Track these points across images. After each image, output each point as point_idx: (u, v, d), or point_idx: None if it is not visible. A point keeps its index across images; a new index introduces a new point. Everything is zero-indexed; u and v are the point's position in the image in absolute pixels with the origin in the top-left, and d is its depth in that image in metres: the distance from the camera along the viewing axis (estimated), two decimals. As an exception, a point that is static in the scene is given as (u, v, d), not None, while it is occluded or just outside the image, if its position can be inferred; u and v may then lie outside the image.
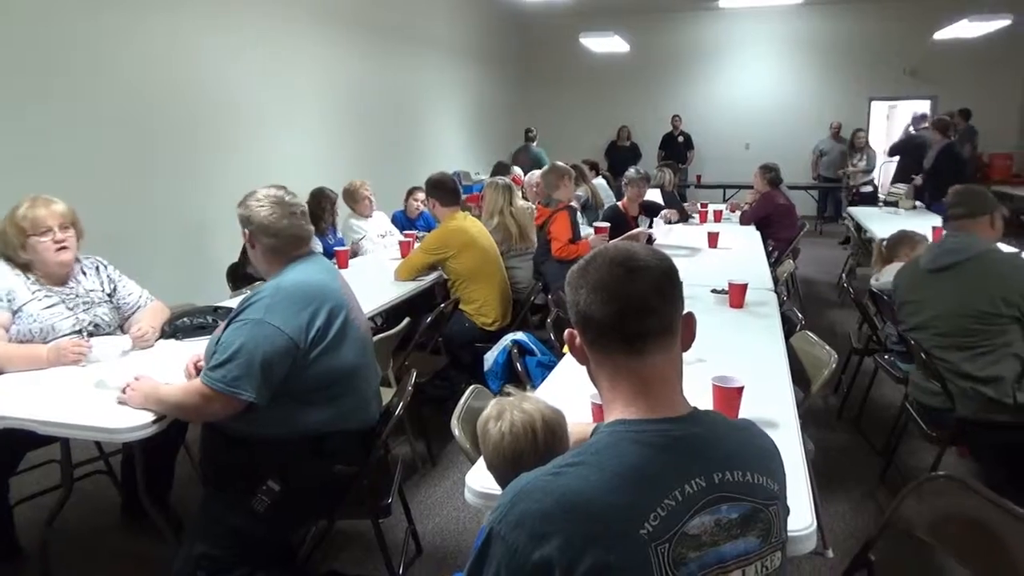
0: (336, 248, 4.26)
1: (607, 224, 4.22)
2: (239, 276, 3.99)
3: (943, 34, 8.61)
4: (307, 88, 6.29)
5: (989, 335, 2.47)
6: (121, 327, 2.63)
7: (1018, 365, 2.44)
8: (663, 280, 1.05)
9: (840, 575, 1.70)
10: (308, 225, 2.09)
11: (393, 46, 7.83)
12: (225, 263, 4.19)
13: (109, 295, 2.61)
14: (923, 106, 11.53)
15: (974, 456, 3.19)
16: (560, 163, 4.66)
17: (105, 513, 2.88)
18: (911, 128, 9.11)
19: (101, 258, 2.68)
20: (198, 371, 2.08)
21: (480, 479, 1.56)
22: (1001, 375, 2.45)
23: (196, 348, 2.24)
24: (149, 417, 1.89)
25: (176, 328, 2.62)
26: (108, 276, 2.64)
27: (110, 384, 2.06)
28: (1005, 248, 3.08)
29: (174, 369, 2.17)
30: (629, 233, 4.76)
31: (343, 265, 4.07)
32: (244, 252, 3.33)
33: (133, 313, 2.65)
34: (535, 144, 9.48)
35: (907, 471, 3.13)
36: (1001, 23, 7.70)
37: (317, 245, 4.33)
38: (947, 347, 2.57)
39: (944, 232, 2.83)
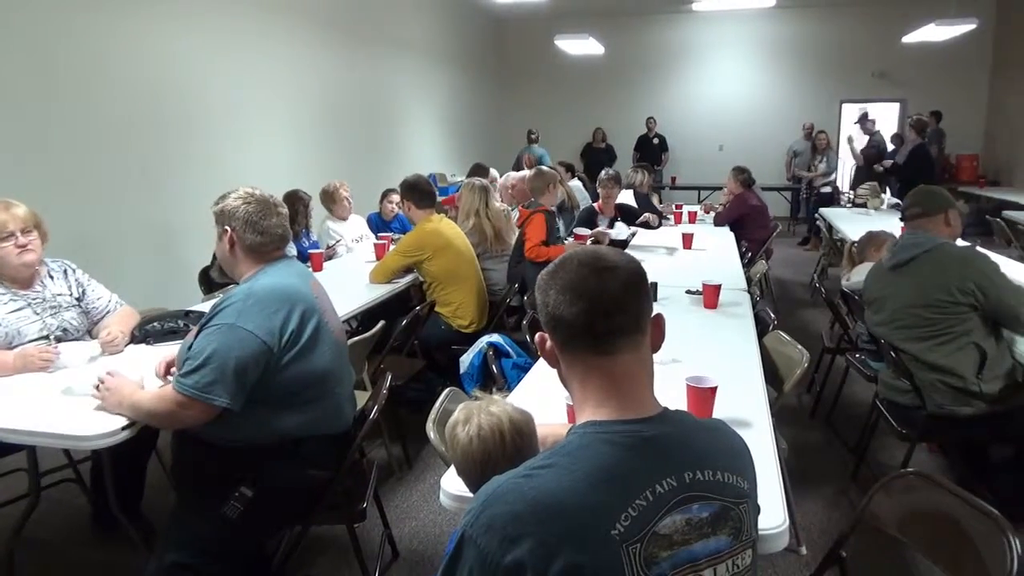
0: (311, 251, 4.22)
1: (587, 232, 4.23)
2: (211, 280, 3.94)
3: (911, 38, 8.76)
4: (281, 90, 6.24)
5: (948, 324, 2.53)
6: (90, 332, 2.59)
7: (978, 353, 2.50)
8: (631, 280, 1.05)
9: (813, 572, 1.72)
10: (288, 226, 2.10)
11: (368, 48, 7.79)
12: (197, 267, 4.14)
13: (77, 299, 2.57)
14: (892, 109, 11.76)
15: (943, 452, 3.25)
16: (548, 168, 4.68)
17: (74, 522, 2.83)
18: (859, 128, 9.34)
19: (69, 261, 2.64)
20: (168, 372, 2.06)
21: (456, 482, 1.55)
22: (963, 363, 2.51)
23: (167, 353, 2.21)
24: (119, 423, 1.86)
25: (146, 333, 2.58)
26: (76, 280, 2.60)
27: (78, 391, 2.02)
28: (961, 243, 3.15)
29: (145, 375, 2.14)
30: (591, 233, 4.81)
31: (318, 268, 4.04)
32: (215, 256, 3.30)
33: (102, 318, 2.61)
34: (537, 144, 9.55)
35: (878, 468, 3.17)
36: (967, 27, 7.85)
37: (291, 248, 4.29)
38: (910, 339, 2.63)
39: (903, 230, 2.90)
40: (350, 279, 3.93)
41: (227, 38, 5.49)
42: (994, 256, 4.08)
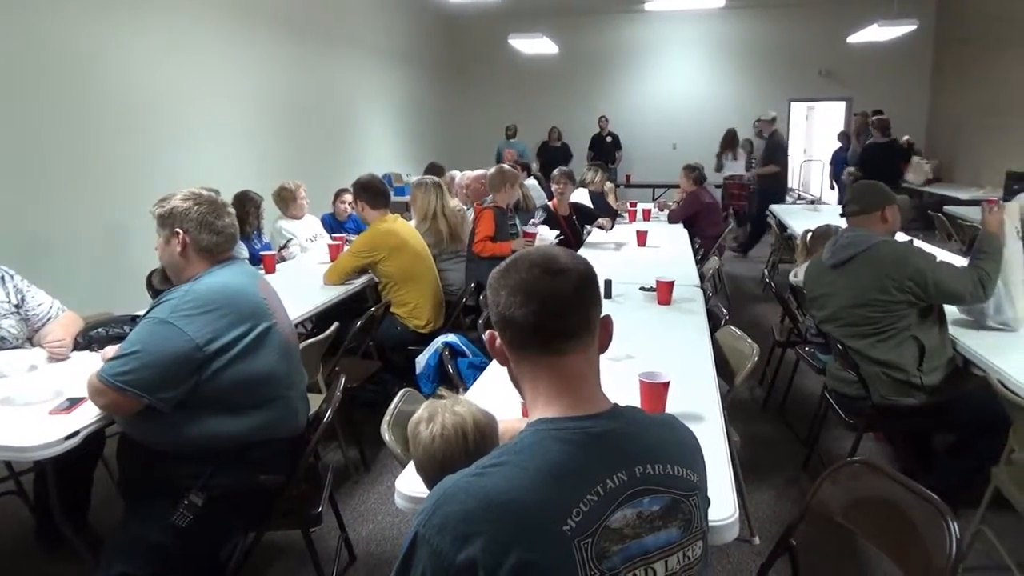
0: (263, 253, 4.15)
1: (536, 231, 4.22)
2: (155, 286, 3.84)
3: (855, 38, 9.00)
4: (231, 89, 6.12)
5: (889, 321, 2.61)
6: (30, 340, 2.51)
7: (918, 347, 2.58)
8: (582, 281, 1.06)
9: (764, 561, 1.75)
10: (238, 225, 2.09)
11: (321, 47, 7.70)
12: (145, 270, 4.03)
13: (16, 307, 2.48)
14: (838, 107, 12.07)
15: (889, 441, 3.35)
16: (508, 167, 4.67)
17: (17, 537, 2.74)
18: (759, 131, 9.58)
19: (7, 268, 2.55)
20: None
21: (410, 483, 1.55)
22: (905, 357, 2.60)
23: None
24: (62, 433, 1.80)
25: (91, 339, 2.51)
26: (15, 287, 2.51)
27: (18, 401, 1.96)
28: (903, 238, 3.25)
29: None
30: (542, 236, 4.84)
31: (270, 270, 3.98)
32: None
33: (43, 324, 2.52)
34: (515, 138, 9.57)
35: (828, 458, 3.25)
36: (908, 28, 8.10)
37: (243, 250, 4.22)
38: (853, 336, 2.70)
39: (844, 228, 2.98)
40: (304, 280, 3.88)
41: (176, 37, 5.36)
42: (933, 249, 4.22)
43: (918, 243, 3.22)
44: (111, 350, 2.06)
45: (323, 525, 2.28)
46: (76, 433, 1.83)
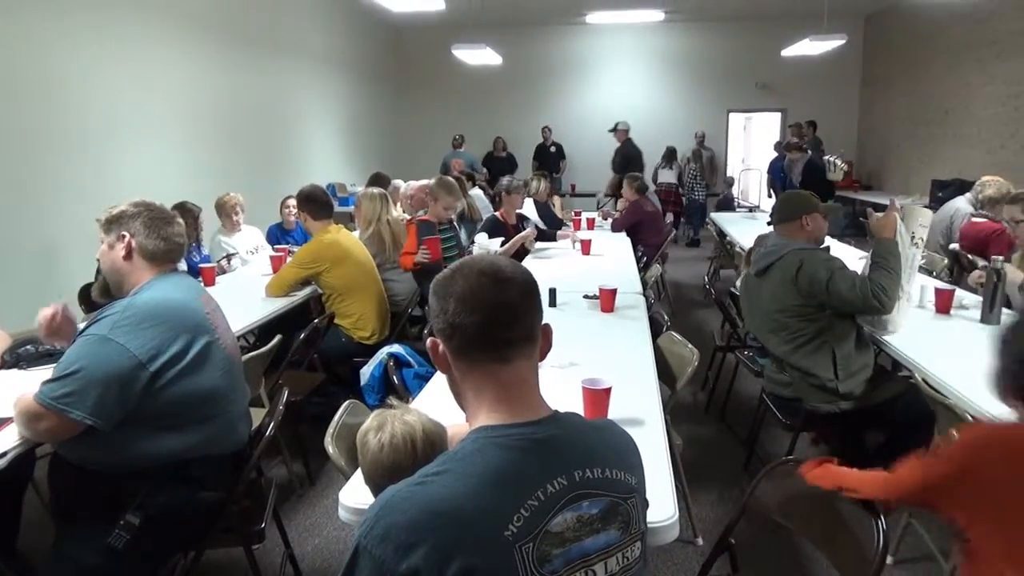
0: (201, 265, 4.06)
1: (435, 237, 4.17)
2: (92, 301, 3.72)
3: (789, 51, 9.31)
4: (169, 98, 5.96)
5: (802, 327, 2.72)
6: (-46, 359, 2.40)
7: (831, 355, 2.68)
8: (527, 291, 1.09)
9: (705, 560, 1.80)
10: (186, 237, 2.06)
11: (261, 55, 7.58)
12: (77, 284, 3.90)
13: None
14: (774, 118, 12.46)
15: (823, 441, 3.47)
16: (450, 179, 4.67)
17: (-60, 565, 2.61)
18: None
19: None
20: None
21: (354, 496, 1.54)
22: (821, 363, 2.70)
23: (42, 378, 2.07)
24: (-15, 455, 1.73)
25: (19, 357, 2.42)
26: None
27: (-60, 422, 1.87)
28: (829, 243, 3.38)
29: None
30: (519, 236, 4.88)
31: (209, 283, 3.89)
32: (99, 272, 3.12)
33: (-33, 343, 2.42)
34: (462, 148, 9.55)
35: (767, 458, 3.35)
36: (837, 42, 8.42)
37: (181, 263, 4.12)
38: (776, 343, 2.80)
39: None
40: (246, 293, 3.81)
41: (108, 44, 5.20)
42: (861, 254, 4.39)
43: (842, 250, 3.35)
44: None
45: (267, 541, 2.23)
46: (3, 455, 1.76)
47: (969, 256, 4.27)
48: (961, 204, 4.90)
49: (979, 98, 8.36)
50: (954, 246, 4.54)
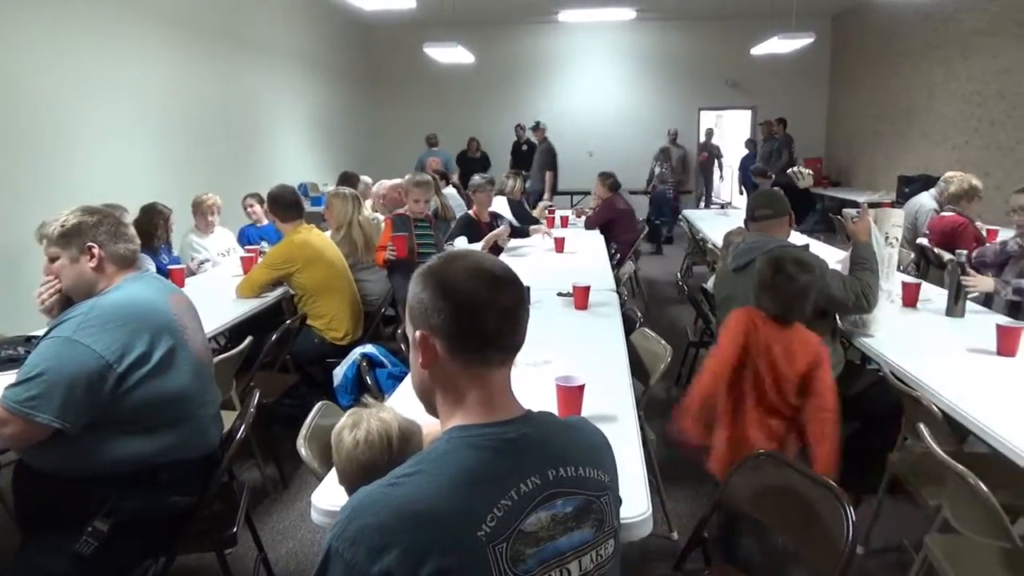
0: (170, 267, 4.00)
1: (403, 235, 4.09)
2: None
3: (758, 49, 9.41)
4: (135, 98, 5.86)
5: None
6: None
7: None
8: (521, 296, 1.09)
9: (679, 554, 1.81)
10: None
11: (231, 54, 7.49)
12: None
13: None
14: (744, 115, 12.61)
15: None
16: (425, 177, 4.62)
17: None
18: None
19: None
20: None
21: (327, 498, 1.53)
22: None
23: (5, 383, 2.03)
24: (-52, 464, 1.69)
25: (-19, 362, 2.37)
26: None
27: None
28: (800, 241, 3.42)
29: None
30: (493, 234, 4.87)
31: (178, 285, 3.83)
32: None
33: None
34: (437, 147, 9.50)
35: (741, 452, 3.38)
36: (805, 40, 8.53)
37: (150, 264, 4.06)
38: None
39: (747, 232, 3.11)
40: (216, 294, 3.77)
41: (71, 42, 5.09)
42: (833, 251, 4.46)
43: (816, 248, 3.39)
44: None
45: (239, 545, 2.21)
46: (-35, 463, 1.72)
47: (935, 250, 4.35)
48: (926, 200, 5.00)
49: (943, 96, 8.52)
50: (921, 240, 4.62)
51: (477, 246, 4.51)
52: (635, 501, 1.47)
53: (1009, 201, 3.45)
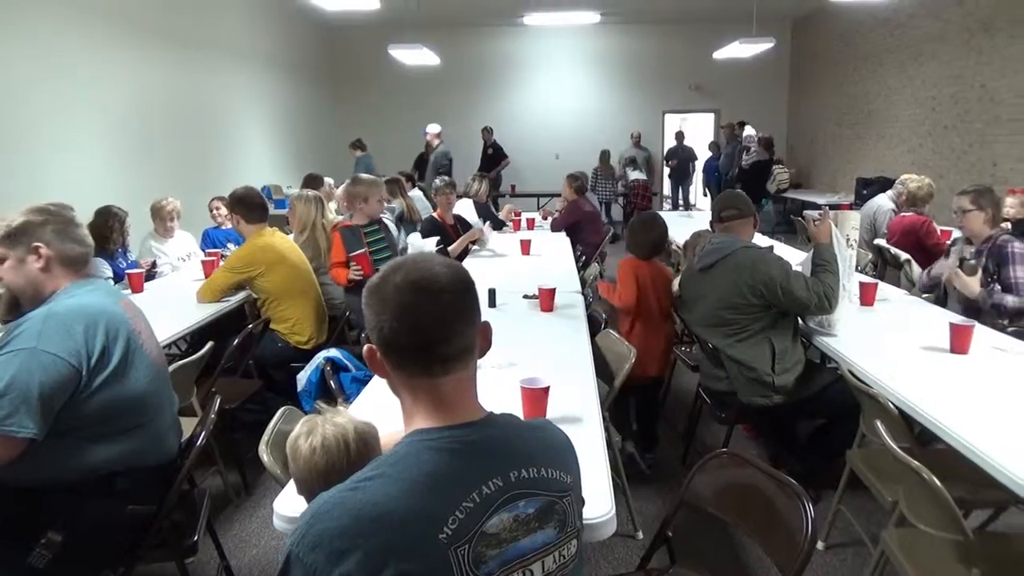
0: (128, 271, 3.92)
1: (363, 252, 3.88)
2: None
3: (720, 54, 9.56)
4: (94, 98, 5.73)
5: (745, 322, 2.78)
6: None
7: (771, 348, 2.76)
8: (465, 300, 1.06)
9: (643, 554, 1.82)
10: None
11: (191, 54, 7.37)
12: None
13: None
14: (708, 118, 12.77)
15: (758, 432, 3.56)
16: (367, 176, 4.52)
17: None
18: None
19: None
20: None
21: (289, 504, 1.51)
22: (759, 358, 2.77)
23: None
24: None
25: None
26: None
27: None
28: (764, 243, 3.47)
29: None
30: (467, 235, 4.87)
31: (137, 289, 3.76)
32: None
33: None
34: (364, 152, 9.44)
35: (704, 451, 3.41)
36: (766, 45, 8.68)
37: (107, 270, 3.98)
38: (717, 336, 2.87)
39: (712, 233, 3.16)
40: (176, 299, 3.70)
41: (19, 40, 4.97)
42: (794, 251, 4.53)
43: (778, 250, 3.45)
44: None
45: (201, 554, 2.17)
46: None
47: (892, 250, 4.45)
48: (883, 201, 5.12)
49: (899, 100, 8.73)
50: (879, 241, 4.73)
51: (431, 242, 4.48)
52: (599, 502, 1.48)
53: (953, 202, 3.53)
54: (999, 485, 1.69)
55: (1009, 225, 4.08)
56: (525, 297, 3.46)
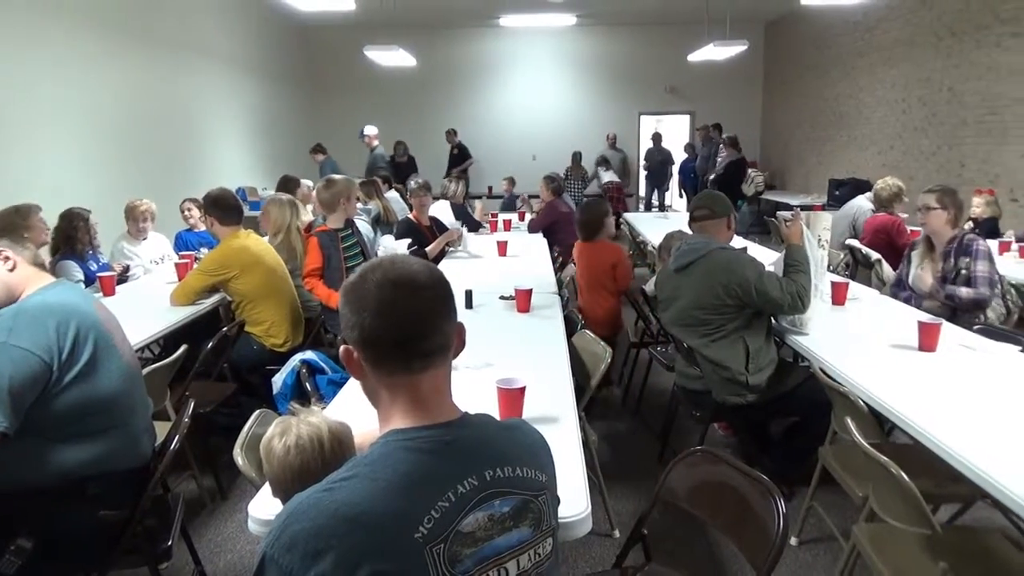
0: (99, 274, 3.86)
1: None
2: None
3: (695, 56, 9.63)
4: (61, 99, 5.64)
5: (720, 323, 2.81)
6: None
7: (744, 348, 2.80)
8: (442, 299, 1.07)
9: (619, 552, 1.84)
10: None
11: (164, 56, 7.28)
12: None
13: None
14: (683, 120, 12.87)
15: (732, 430, 3.60)
16: (341, 178, 4.47)
17: None
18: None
19: None
20: None
21: (264, 507, 1.51)
22: (733, 357, 2.80)
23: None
24: None
25: None
26: None
27: None
28: (739, 244, 3.51)
29: None
30: (444, 236, 4.86)
31: (109, 292, 3.71)
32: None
33: None
34: (325, 156, 9.32)
35: (680, 450, 3.42)
36: (739, 48, 8.77)
37: (78, 272, 3.92)
38: (692, 336, 2.90)
39: (688, 233, 3.18)
40: (149, 302, 3.65)
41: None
42: (768, 252, 4.58)
43: (752, 250, 3.49)
44: None
45: (175, 559, 2.16)
46: None
47: (864, 250, 4.53)
48: (863, 203, 5.21)
49: (870, 102, 8.88)
50: (851, 241, 4.81)
51: (403, 244, 4.48)
52: (574, 500, 1.49)
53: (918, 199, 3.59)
54: (966, 480, 1.73)
55: (971, 224, 4.18)
56: (502, 298, 3.47)
